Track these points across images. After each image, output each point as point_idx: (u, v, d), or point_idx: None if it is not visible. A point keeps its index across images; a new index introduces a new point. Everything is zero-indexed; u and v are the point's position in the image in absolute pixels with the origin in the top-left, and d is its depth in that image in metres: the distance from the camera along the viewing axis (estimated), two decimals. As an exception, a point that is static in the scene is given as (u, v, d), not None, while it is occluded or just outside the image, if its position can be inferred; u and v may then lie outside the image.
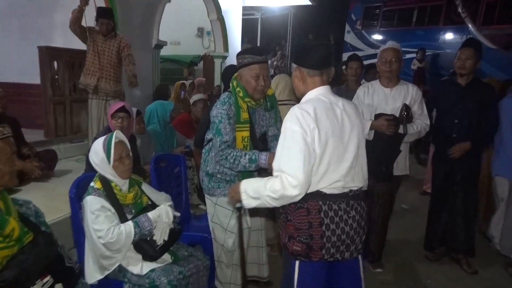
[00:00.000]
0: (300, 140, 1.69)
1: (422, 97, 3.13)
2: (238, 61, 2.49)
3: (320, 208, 1.76)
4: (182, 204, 3.20)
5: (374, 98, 3.13)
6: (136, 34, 6.16)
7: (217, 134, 2.42)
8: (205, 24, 10.04)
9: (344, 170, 1.79)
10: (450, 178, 3.40)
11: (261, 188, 1.76)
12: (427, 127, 3.10)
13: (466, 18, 9.16)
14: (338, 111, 1.82)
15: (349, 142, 1.82)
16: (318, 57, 1.84)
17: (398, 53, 3.03)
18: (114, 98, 4.79)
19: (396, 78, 3.11)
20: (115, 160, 2.20)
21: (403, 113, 2.98)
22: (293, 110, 1.76)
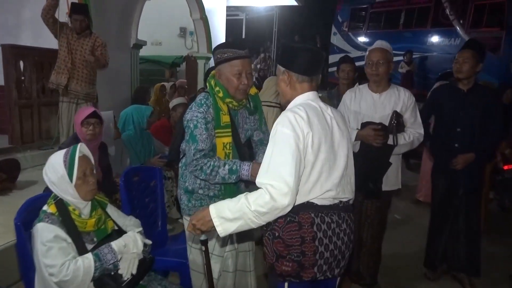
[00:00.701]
0: (292, 144, 1.57)
1: (415, 103, 2.83)
2: (216, 56, 2.18)
3: (313, 220, 1.64)
4: (158, 223, 2.85)
5: (362, 105, 2.81)
6: (112, 32, 5.78)
7: (192, 141, 2.10)
8: (187, 23, 9.71)
9: (336, 179, 1.69)
10: (451, 192, 3.15)
11: (242, 206, 1.56)
12: (420, 137, 2.78)
13: (454, 20, 9.05)
14: (328, 118, 1.74)
15: (339, 150, 1.73)
16: (309, 63, 1.74)
17: (386, 54, 2.70)
18: (86, 101, 4.43)
19: (385, 82, 2.78)
20: (78, 178, 1.84)
21: (393, 121, 2.67)
22: (285, 114, 1.65)
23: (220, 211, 1.61)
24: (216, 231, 1.63)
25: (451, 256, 3.23)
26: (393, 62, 2.79)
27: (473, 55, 2.94)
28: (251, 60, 2.28)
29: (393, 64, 2.79)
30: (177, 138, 2.43)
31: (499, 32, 8.37)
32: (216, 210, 1.62)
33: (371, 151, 2.65)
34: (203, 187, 2.26)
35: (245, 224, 1.58)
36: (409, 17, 10.33)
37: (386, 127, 2.67)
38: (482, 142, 3.03)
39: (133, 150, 3.72)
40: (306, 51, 1.73)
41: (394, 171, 2.81)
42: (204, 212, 1.66)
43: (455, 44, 9.08)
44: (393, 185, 2.84)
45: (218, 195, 2.26)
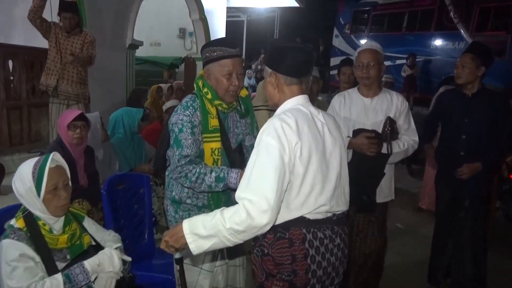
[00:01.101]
0: (276, 157, 1.43)
1: (409, 108, 2.66)
2: (204, 55, 2.03)
3: (305, 237, 1.51)
4: (144, 234, 2.68)
5: (352, 110, 2.62)
6: (107, 32, 5.62)
7: (176, 146, 1.97)
8: (187, 24, 9.55)
9: (330, 192, 1.55)
10: (456, 203, 2.97)
11: (217, 222, 1.44)
12: (415, 144, 2.60)
13: (458, 23, 8.87)
14: (319, 124, 1.60)
15: (331, 159, 1.59)
16: (297, 63, 1.60)
17: (377, 55, 2.53)
18: (77, 102, 4.27)
19: (376, 86, 2.61)
20: (48, 192, 1.67)
21: (387, 128, 2.50)
22: (271, 121, 1.52)
23: (193, 227, 1.48)
24: None
25: (455, 271, 3.05)
26: (384, 64, 2.62)
27: (473, 58, 2.79)
28: (242, 59, 2.12)
29: (384, 66, 2.62)
30: (162, 144, 2.27)
31: (505, 36, 8.20)
32: (190, 225, 1.49)
33: (365, 160, 2.46)
34: (191, 196, 2.10)
35: (220, 242, 1.46)
36: (412, 20, 10.16)
37: (380, 134, 2.49)
38: (489, 150, 2.85)
39: (122, 154, 3.55)
40: (294, 51, 1.58)
41: (387, 181, 2.64)
42: (177, 227, 1.53)
43: (459, 48, 8.89)
44: (387, 196, 2.67)
45: (207, 205, 2.10)
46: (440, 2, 9.35)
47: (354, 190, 1.81)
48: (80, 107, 4.23)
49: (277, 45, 1.63)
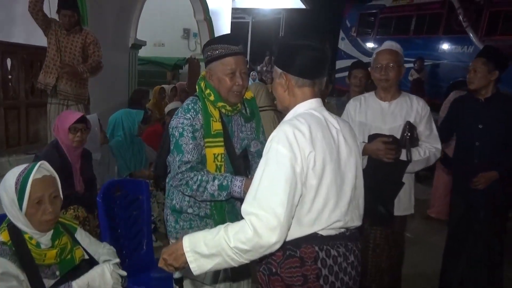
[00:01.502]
0: (287, 167, 1.30)
1: (430, 114, 2.48)
2: (206, 53, 1.91)
3: (317, 255, 1.38)
4: (143, 244, 2.52)
5: (368, 115, 2.45)
6: (109, 31, 5.49)
7: (176, 152, 1.86)
8: (191, 25, 9.43)
9: (344, 207, 1.42)
10: (471, 214, 2.81)
11: (221, 240, 1.30)
12: (437, 153, 2.41)
13: (467, 27, 8.71)
14: (334, 131, 1.46)
15: (346, 170, 1.46)
16: (310, 62, 1.45)
17: (397, 57, 2.36)
18: (76, 103, 4.13)
19: (395, 89, 2.44)
20: (31, 205, 1.51)
21: (406, 133, 2.32)
22: (282, 127, 1.37)
23: (194, 244, 1.35)
24: None
25: (469, 286, 2.87)
26: (404, 66, 2.46)
27: (485, 63, 2.67)
28: (245, 57, 1.98)
29: (404, 68, 2.46)
30: (163, 150, 2.14)
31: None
32: (190, 242, 1.36)
33: (381, 168, 2.29)
34: (192, 205, 1.97)
35: (223, 262, 1.32)
36: (420, 23, 9.99)
37: (398, 140, 2.33)
38: (505, 157, 2.71)
39: (121, 158, 3.41)
40: (307, 49, 1.43)
41: (406, 192, 2.44)
42: (177, 244, 1.39)
43: (468, 52, 8.73)
44: (406, 210, 2.47)
45: (210, 215, 1.97)
46: (449, 5, 9.19)
47: (369, 199, 1.68)
48: (80, 108, 4.09)
49: (287, 43, 1.48)
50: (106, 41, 5.31)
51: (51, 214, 1.54)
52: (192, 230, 1.98)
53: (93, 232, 2.69)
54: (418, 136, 2.36)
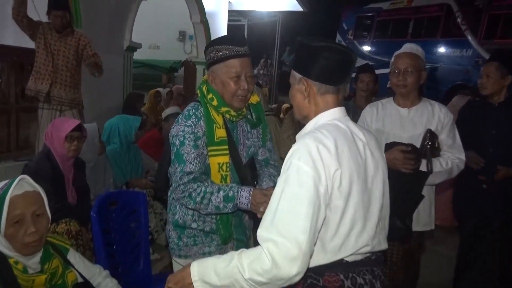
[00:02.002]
0: (309, 187, 1.15)
1: (454, 122, 2.34)
2: (209, 55, 1.78)
3: (342, 284, 1.25)
4: (140, 261, 2.36)
5: (386, 122, 2.32)
6: (103, 33, 5.31)
7: (178, 161, 1.72)
8: (187, 27, 9.27)
9: (372, 230, 1.28)
10: (484, 225, 2.70)
11: (234, 270, 1.16)
12: (461, 164, 2.26)
13: (466, 31, 8.64)
14: (361, 145, 1.31)
15: (374, 188, 1.31)
16: (334, 66, 1.29)
17: (417, 61, 2.21)
18: (70, 108, 3.95)
19: (415, 95, 2.30)
20: (10, 226, 1.35)
21: (427, 142, 2.18)
22: (304, 141, 1.22)
23: (203, 273, 1.21)
24: None
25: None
26: (425, 70, 2.32)
27: (497, 67, 2.59)
28: (250, 59, 1.83)
29: (425, 73, 2.32)
30: (164, 161, 1.99)
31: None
32: (199, 271, 1.23)
33: (399, 179, 2.11)
34: (196, 219, 1.83)
35: None
36: (418, 27, 9.93)
37: (418, 149, 2.19)
38: None
39: (117, 166, 3.24)
40: (330, 51, 1.28)
41: (426, 206, 2.29)
42: (183, 271, 1.26)
43: (467, 56, 8.68)
44: (426, 225, 2.32)
45: (216, 230, 1.84)
46: (447, 9, 9.13)
47: (386, 213, 1.53)
48: (74, 114, 3.92)
49: (307, 44, 1.31)
50: (101, 44, 5.13)
51: (34, 235, 1.38)
52: (197, 247, 1.85)
53: (86, 246, 2.53)
54: (439, 145, 2.22)
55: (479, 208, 2.68)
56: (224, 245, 1.88)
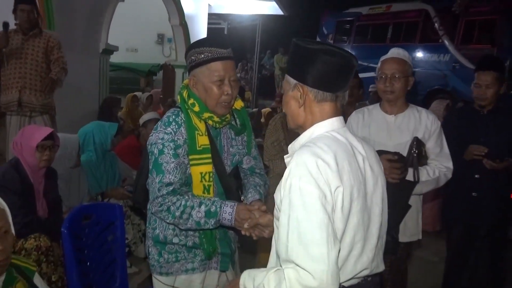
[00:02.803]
0: (317, 208, 1.05)
1: (441, 130, 2.30)
2: (190, 58, 1.67)
3: None
4: (116, 277, 2.22)
5: (372, 129, 2.27)
6: (78, 35, 5.12)
7: (156, 172, 1.61)
8: (166, 30, 9.10)
9: (371, 252, 1.20)
10: (471, 231, 2.69)
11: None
12: (448, 173, 2.23)
13: (443, 36, 8.76)
14: (360, 159, 1.22)
15: (373, 205, 1.23)
16: (334, 72, 1.19)
17: (404, 66, 2.17)
18: (41, 113, 3.76)
19: (402, 101, 2.26)
20: None
21: (414, 150, 2.14)
22: (301, 157, 1.12)
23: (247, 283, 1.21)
24: None
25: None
26: (413, 76, 2.27)
27: (497, 78, 2.54)
28: (234, 62, 1.74)
29: (413, 79, 2.27)
30: (142, 171, 1.87)
31: (490, 49, 8.10)
32: (244, 280, 1.22)
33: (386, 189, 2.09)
34: (178, 234, 1.72)
35: None
36: (397, 31, 10.02)
37: (405, 158, 2.14)
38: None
39: (92, 175, 3.08)
40: (328, 55, 1.18)
41: (413, 216, 2.24)
42: (237, 279, 1.26)
43: (445, 60, 8.81)
44: (413, 235, 2.28)
45: (199, 245, 1.73)
46: (425, 14, 9.25)
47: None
48: (46, 120, 3.73)
49: (303, 46, 1.20)
50: (75, 46, 4.95)
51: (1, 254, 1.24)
52: (179, 264, 1.74)
53: (58, 263, 2.37)
54: (426, 153, 2.17)
55: (468, 215, 2.66)
56: (208, 260, 1.78)
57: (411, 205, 2.18)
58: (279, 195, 1.16)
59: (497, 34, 7.97)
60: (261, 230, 1.58)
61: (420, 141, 2.17)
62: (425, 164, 2.20)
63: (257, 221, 1.55)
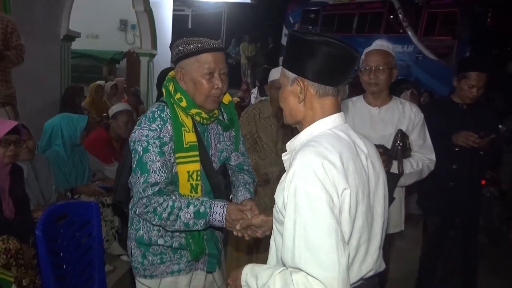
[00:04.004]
0: (325, 213, 1.01)
1: (424, 122, 2.32)
2: (177, 48, 1.58)
3: None
4: (94, 279, 2.10)
5: (356, 121, 2.25)
6: (37, 21, 4.78)
7: (141, 171, 1.52)
8: (129, 16, 8.74)
9: (376, 253, 1.18)
10: (446, 224, 2.76)
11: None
12: (431, 164, 2.27)
13: (407, 27, 8.97)
14: (363, 158, 1.18)
15: (376, 204, 1.19)
16: (334, 64, 1.13)
17: (388, 58, 2.18)
18: (3, 105, 3.50)
19: (386, 94, 2.27)
20: None
21: (398, 143, 2.15)
22: (305, 157, 1.06)
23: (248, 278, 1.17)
24: None
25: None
26: (396, 68, 2.27)
27: (487, 78, 2.58)
28: (225, 55, 1.66)
29: (397, 71, 2.27)
30: (124, 169, 1.76)
31: (451, 41, 8.40)
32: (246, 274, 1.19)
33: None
34: (163, 235, 1.64)
35: None
36: (362, 22, 10.16)
37: (389, 150, 2.15)
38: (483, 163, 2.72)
39: (60, 171, 2.90)
40: (330, 47, 1.12)
41: (397, 207, 2.27)
42: (238, 272, 1.23)
43: (408, 51, 9.03)
44: (396, 227, 2.31)
45: (185, 246, 1.65)
46: (389, 5, 9.41)
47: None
48: (8, 111, 3.47)
49: (302, 38, 1.14)
50: (34, 32, 4.63)
51: None
52: (164, 266, 1.66)
53: (28, 266, 2.21)
54: (410, 146, 2.19)
55: (445, 205, 2.72)
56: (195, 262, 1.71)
57: (395, 197, 2.20)
58: (281, 197, 1.11)
59: (458, 27, 8.24)
60: (253, 230, 1.53)
61: (404, 133, 2.18)
62: (409, 156, 2.22)
63: (249, 222, 1.49)
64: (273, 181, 2.79)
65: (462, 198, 2.66)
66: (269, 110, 2.81)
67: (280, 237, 1.10)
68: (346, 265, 1.00)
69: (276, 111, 2.82)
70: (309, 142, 1.12)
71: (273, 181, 2.79)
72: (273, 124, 2.81)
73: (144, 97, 7.80)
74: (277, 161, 2.80)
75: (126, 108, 3.58)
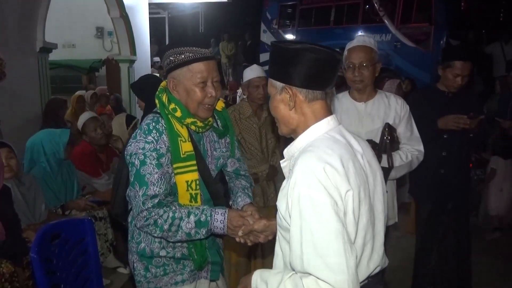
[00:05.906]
0: (331, 217, 1.02)
1: (410, 113, 2.35)
2: (168, 59, 1.58)
3: None
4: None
5: (343, 117, 2.26)
6: (11, 33, 4.66)
7: (139, 184, 1.52)
8: (105, 22, 8.59)
9: (381, 248, 1.21)
10: (438, 209, 2.80)
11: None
12: (420, 155, 2.30)
13: (384, 16, 9.04)
14: (360, 157, 1.20)
15: (376, 202, 1.22)
16: (319, 68, 1.16)
17: (371, 54, 2.19)
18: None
19: (371, 88, 2.28)
20: None
21: (386, 137, 2.17)
22: (306, 163, 1.08)
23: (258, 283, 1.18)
24: None
25: (440, 280, 2.88)
26: (380, 62, 2.28)
27: (471, 66, 2.63)
28: (216, 63, 1.66)
29: (380, 65, 2.28)
30: (120, 182, 1.75)
31: (428, 27, 8.51)
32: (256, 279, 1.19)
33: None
34: (165, 246, 1.64)
35: None
36: (339, 14, 10.20)
37: (378, 144, 2.16)
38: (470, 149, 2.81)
39: (49, 188, 2.84)
40: (312, 53, 1.15)
41: (389, 200, 2.28)
42: (248, 278, 1.23)
43: (387, 40, 9.11)
44: (390, 219, 2.34)
45: (188, 256, 1.66)
46: (365, -5, 9.48)
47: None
48: None
49: (284, 48, 1.17)
50: (8, 45, 4.52)
51: None
52: (167, 277, 1.66)
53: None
54: (398, 138, 2.21)
55: (436, 191, 2.76)
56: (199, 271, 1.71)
57: (387, 190, 2.22)
58: (283, 203, 1.12)
59: (433, 13, 8.35)
60: (256, 236, 1.53)
61: (392, 126, 2.20)
62: (398, 149, 2.24)
63: (251, 227, 1.49)
64: (262, 179, 2.79)
65: (453, 183, 2.70)
66: (248, 110, 2.81)
67: (286, 243, 1.11)
68: (354, 267, 1.01)
69: (255, 109, 2.83)
70: (308, 148, 1.13)
71: (262, 179, 2.79)
72: (255, 123, 2.81)
73: (126, 104, 7.68)
74: (263, 159, 2.80)
75: (88, 117, 3.49)
